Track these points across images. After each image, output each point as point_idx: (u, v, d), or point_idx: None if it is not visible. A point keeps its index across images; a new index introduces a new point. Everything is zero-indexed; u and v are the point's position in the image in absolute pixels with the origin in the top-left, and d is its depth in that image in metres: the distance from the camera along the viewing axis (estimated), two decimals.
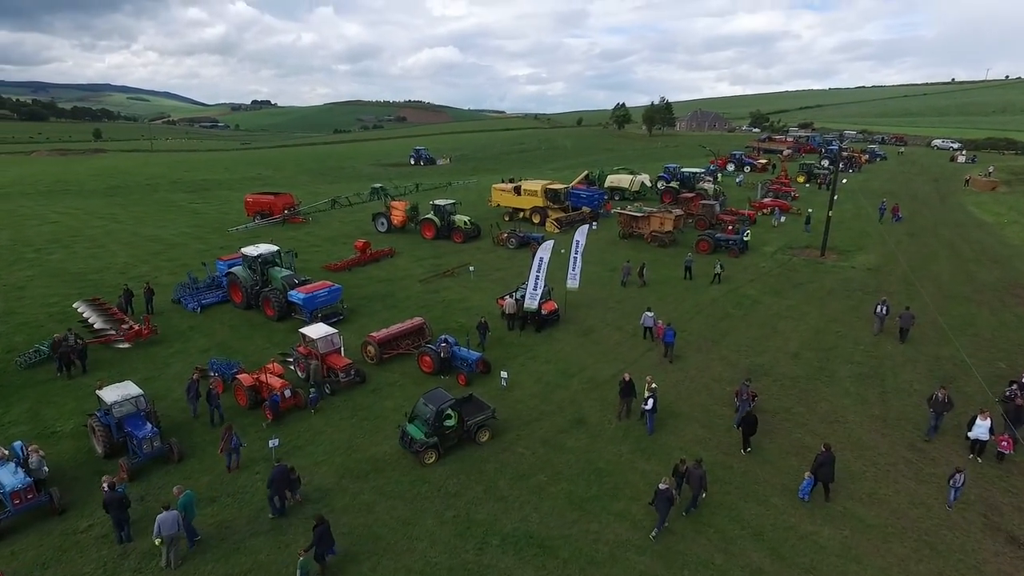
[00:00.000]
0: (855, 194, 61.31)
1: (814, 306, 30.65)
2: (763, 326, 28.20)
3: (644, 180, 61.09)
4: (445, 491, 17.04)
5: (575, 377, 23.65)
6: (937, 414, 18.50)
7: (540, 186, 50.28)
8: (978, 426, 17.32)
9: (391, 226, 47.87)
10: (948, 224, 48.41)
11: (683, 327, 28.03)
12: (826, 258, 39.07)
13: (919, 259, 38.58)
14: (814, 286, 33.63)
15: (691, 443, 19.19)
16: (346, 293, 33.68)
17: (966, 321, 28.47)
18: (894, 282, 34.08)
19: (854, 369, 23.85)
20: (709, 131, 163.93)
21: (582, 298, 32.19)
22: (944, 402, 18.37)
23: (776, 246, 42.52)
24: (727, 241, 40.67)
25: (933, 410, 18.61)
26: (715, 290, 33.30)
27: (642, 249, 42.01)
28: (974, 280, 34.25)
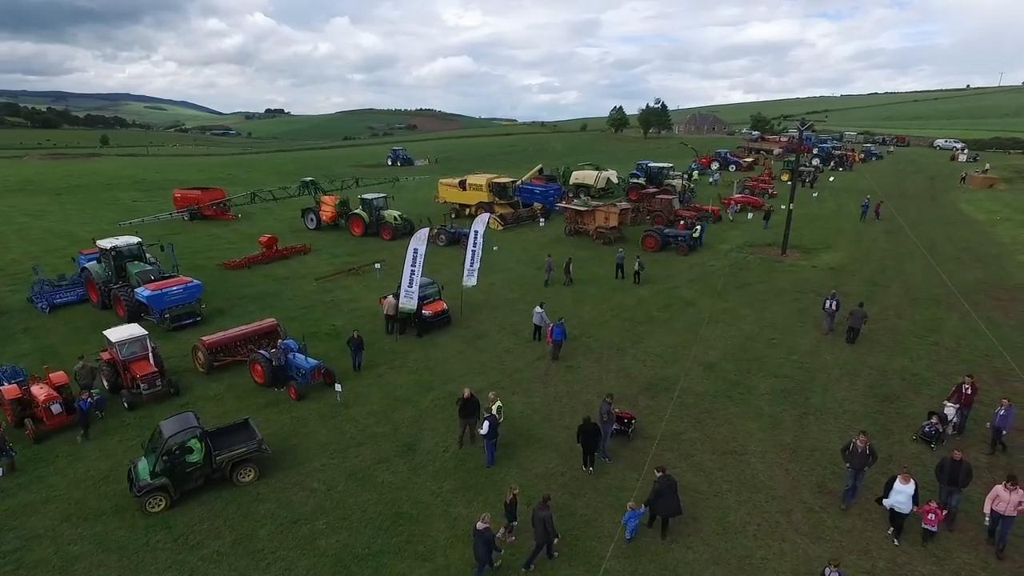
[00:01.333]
0: (840, 192, 56.79)
1: (754, 309, 26.22)
2: (686, 332, 23.83)
3: (610, 176, 56.81)
4: (184, 541, 12.90)
5: (433, 391, 19.44)
6: (856, 470, 13.33)
7: (485, 180, 46.27)
8: (897, 492, 12.08)
9: (320, 222, 44.02)
10: (934, 222, 43.65)
11: (592, 331, 23.82)
12: (787, 257, 34.60)
13: (892, 258, 33.98)
14: (762, 287, 29.19)
15: (539, 478, 14.92)
16: (231, 291, 29.91)
17: (929, 327, 23.90)
18: (856, 283, 29.56)
19: (777, 384, 19.41)
20: (708, 134, 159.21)
21: (490, 298, 28.12)
22: (865, 454, 13.21)
23: (735, 243, 38.09)
24: (675, 237, 36.28)
25: (850, 465, 13.40)
26: (645, 291, 28.97)
27: (586, 247, 37.76)
28: (950, 281, 29.60)
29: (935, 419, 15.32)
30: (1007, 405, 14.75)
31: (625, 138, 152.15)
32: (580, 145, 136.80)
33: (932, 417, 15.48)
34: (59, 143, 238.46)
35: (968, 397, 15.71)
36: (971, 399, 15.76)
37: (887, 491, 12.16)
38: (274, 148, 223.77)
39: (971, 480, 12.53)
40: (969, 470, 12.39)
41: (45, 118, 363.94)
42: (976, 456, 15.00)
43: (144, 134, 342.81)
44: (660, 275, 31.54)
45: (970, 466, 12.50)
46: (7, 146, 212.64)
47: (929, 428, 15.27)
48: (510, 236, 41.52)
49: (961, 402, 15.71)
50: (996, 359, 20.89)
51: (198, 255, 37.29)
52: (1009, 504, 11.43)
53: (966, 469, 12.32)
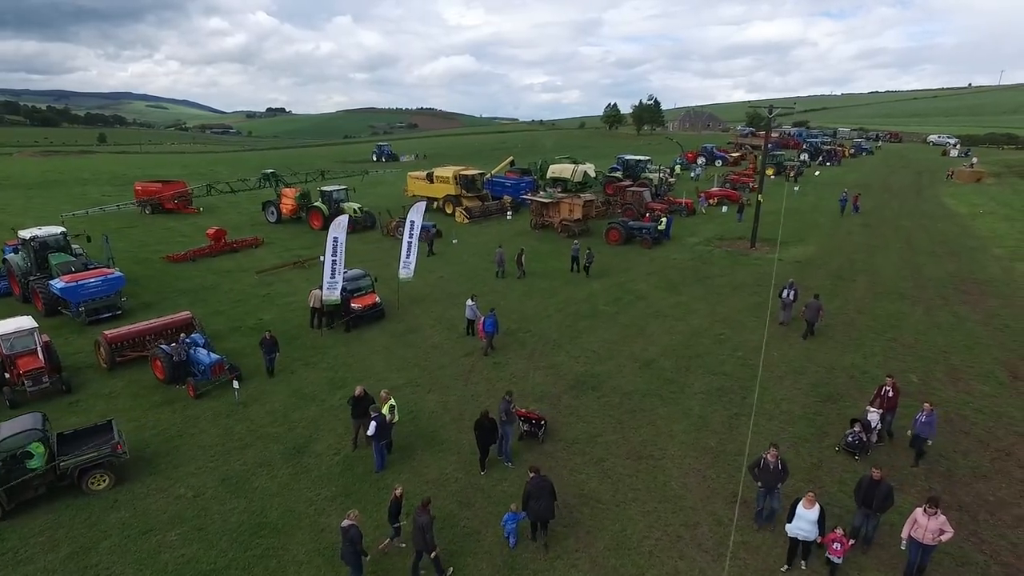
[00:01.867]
0: (824, 186, 55.24)
1: (708, 303, 24.80)
2: (631, 326, 22.42)
3: (587, 170, 55.22)
4: (13, 555, 11.57)
5: (344, 389, 18.02)
6: (767, 489, 11.67)
7: (452, 172, 44.85)
8: (799, 517, 10.47)
9: (281, 215, 42.65)
10: (914, 215, 42.14)
11: (532, 326, 22.42)
12: (755, 250, 33.15)
13: (864, 252, 32.50)
14: (722, 280, 27.76)
15: (431, 484, 13.52)
16: (166, 285, 28.56)
17: (890, 322, 22.44)
18: (821, 276, 28.11)
19: (714, 382, 17.99)
20: (703, 131, 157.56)
21: (434, 292, 26.81)
22: (777, 470, 11.54)
23: (704, 236, 36.65)
24: (640, 230, 34.84)
25: (761, 484, 11.70)
26: (598, 284, 27.55)
27: (550, 240, 36.35)
28: (919, 274, 28.15)
29: (858, 427, 13.83)
30: (928, 410, 13.27)
31: (618, 135, 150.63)
32: (572, 142, 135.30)
33: (855, 425, 13.99)
34: (56, 141, 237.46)
35: (891, 400, 14.23)
36: (894, 402, 14.28)
37: (790, 516, 10.62)
38: (268, 146, 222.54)
39: (891, 504, 10.99)
40: (888, 492, 10.85)
41: (44, 116, 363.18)
42: (903, 469, 13.57)
43: (142, 133, 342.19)
44: (618, 268, 30.15)
45: (890, 487, 10.97)
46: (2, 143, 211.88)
47: (852, 437, 13.79)
48: (474, 230, 40.14)
49: (884, 406, 14.22)
50: (955, 355, 19.47)
51: (148, 248, 36.02)
52: (928, 531, 9.94)
53: (884, 491, 10.79)
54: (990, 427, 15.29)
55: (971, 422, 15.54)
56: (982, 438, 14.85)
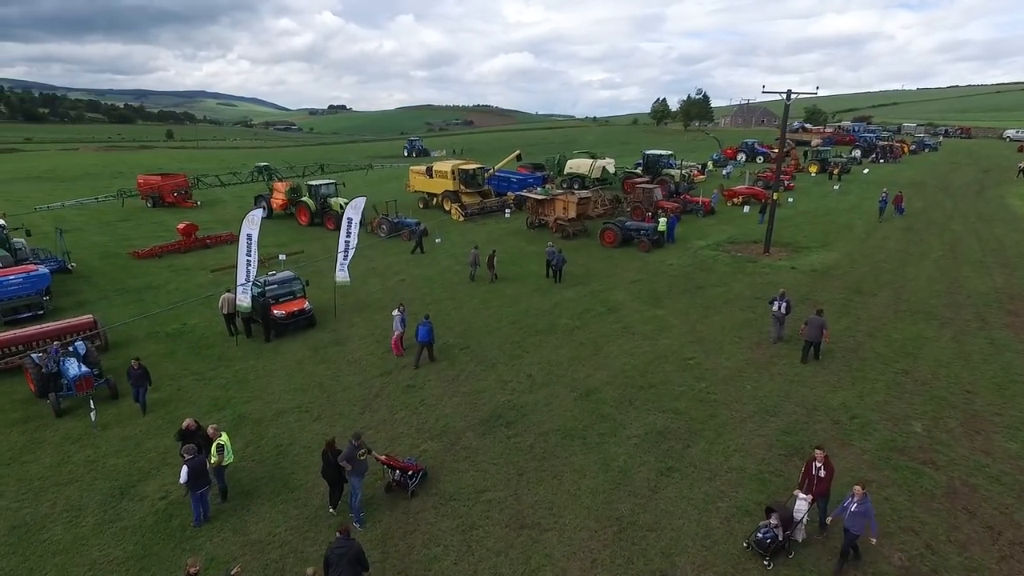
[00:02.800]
0: (871, 185, 49.70)
1: (689, 319, 21.17)
2: (586, 345, 19.12)
3: (607, 165, 51.63)
4: None
5: (221, 412, 15.62)
6: None
7: (450, 167, 42.15)
8: None
9: (272, 210, 40.98)
10: (967, 218, 36.70)
11: (474, 341, 19.48)
12: (768, 256, 29.03)
13: (896, 260, 27.91)
14: (715, 291, 23.98)
15: (247, 547, 10.79)
16: (115, 283, 27.00)
17: (906, 348, 18.31)
18: (838, 288, 23.93)
19: (658, 422, 14.57)
20: (756, 127, 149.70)
21: (385, 297, 24.26)
22: None
23: (715, 239, 32.66)
24: (638, 231, 31.20)
25: None
26: (571, 292, 24.26)
27: (542, 240, 33.09)
28: (957, 289, 23.58)
29: (774, 519, 10.10)
30: (860, 495, 9.51)
31: (664, 131, 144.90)
32: (614, 137, 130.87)
33: (770, 516, 10.23)
34: (127, 137, 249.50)
35: (821, 483, 10.46)
36: (824, 486, 10.45)
37: None
38: (315, 142, 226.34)
39: None
40: None
41: (122, 114, 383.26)
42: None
43: (209, 129, 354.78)
44: (602, 273, 26.76)
45: None
46: (73, 139, 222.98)
47: (765, 533, 10.07)
48: (467, 228, 37.32)
49: (812, 490, 10.46)
50: (980, 397, 15.33)
51: (128, 242, 34.89)
52: None
53: None
54: (1007, 507, 11.37)
55: (982, 496, 11.65)
56: (993, 522, 10.97)
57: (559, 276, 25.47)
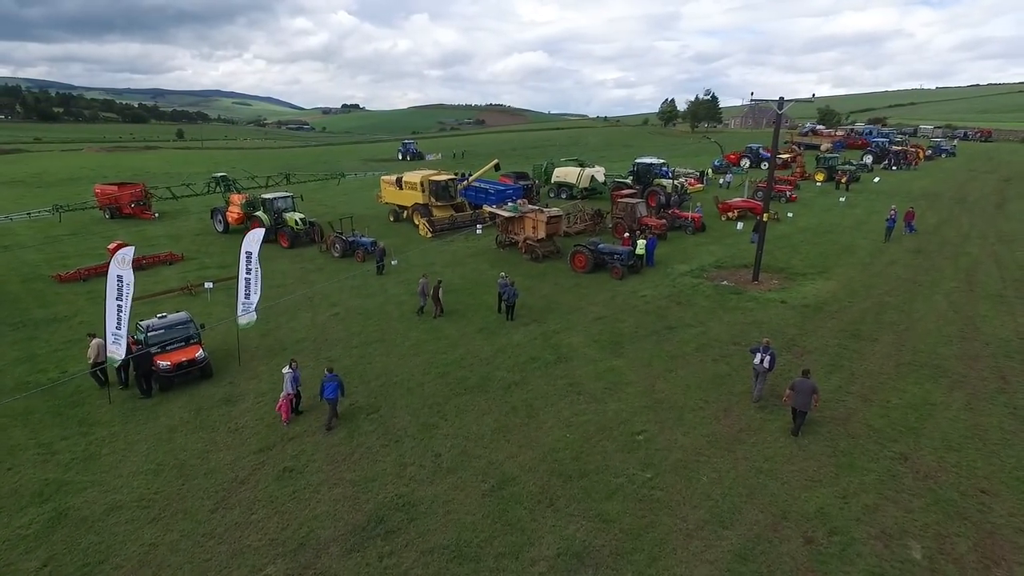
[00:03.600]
0: (882, 196, 46.03)
1: (651, 372, 17.89)
2: (520, 410, 15.92)
3: (595, 174, 48.39)
4: None
5: (35, 508, 12.53)
6: None
7: (420, 177, 39.04)
8: None
9: (228, 224, 38.15)
10: (987, 238, 32.98)
11: (389, 400, 16.42)
12: (757, 285, 25.63)
13: (904, 291, 24.39)
14: (690, 334, 20.63)
15: None
16: (22, 313, 24.33)
17: (907, 421, 14.91)
18: (831, 331, 20.51)
19: (579, 536, 11.35)
20: (767, 128, 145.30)
21: (307, 337, 21.08)
22: None
23: (700, 262, 29.27)
24: (612, 255, 27.87)
25: None
26: (519, 334, 21.04)
27: (509, 263, 29.95)
28: (973, 333, 20.07)
29: None
30: None
31: (671, 132, 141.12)
32: (618, 139, 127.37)
33: None
34: (138, 137, 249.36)
35: None
36: None
37: None
38: (324, 141, 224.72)
39: None
40: None
41: (135, 113, 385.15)
42: None
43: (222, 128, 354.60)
44: (564, 307, 23.51)
45: None
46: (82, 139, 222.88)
47: None
48: (432, 247, 34.19)
49: None
50: (1001, 503, 11.91)
51: (66, 261, 32.15)
52: None
53: None
54: None
55: None
56: None
57: (511, 313, 22.25)
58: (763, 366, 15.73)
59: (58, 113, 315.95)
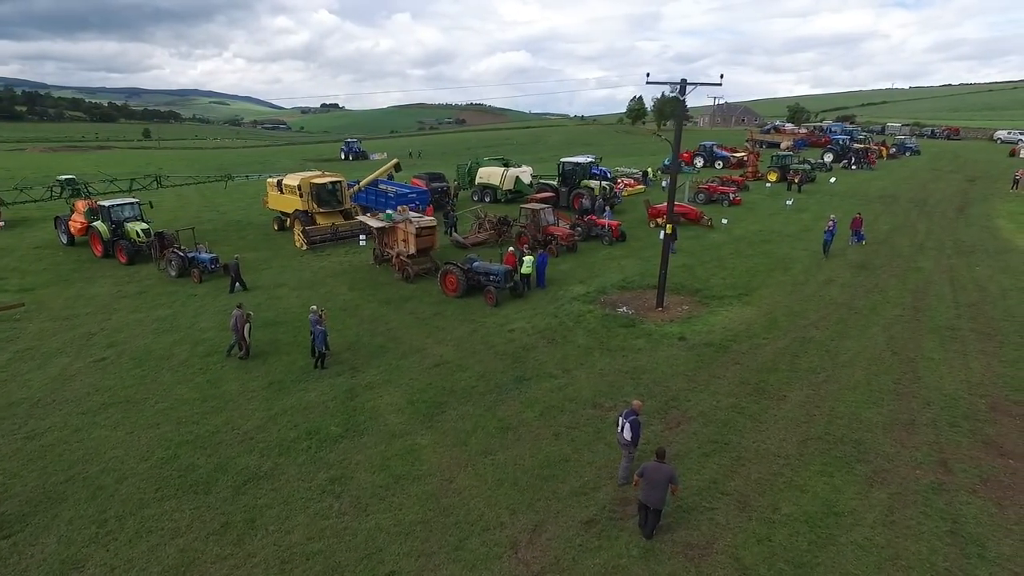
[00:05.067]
0: (837, 198, 41.58)
1: (461, 457, 12.76)
2: (233, 529, 10.74)
3: (521, 175, 43.24)
4: None
5: None
6: None
7: (299, 180, 33.62)
8: None
9: (72, 237, 32.39)
10: (945, 249, 28.39)
11: (67, 506, 11.14)
12: (659, 313, 20.65)
13: (833, 322, 19.52)
14: (542, 389, 15.51)
15: None
16: None
17: (796, 545, 9.89)
18: (731, 381, 15.55)
19: None
20: (735, 127, 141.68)
21: (63, 387, 15.52)
22: None
23: (604, 281, 24.24)
24: (488, 276, 22.67)
25: None
26: (315, 391, 15.79)
27: (379, 285, 24.76)
28: (912, 386, 15.20)
29: None
30: None
31: (638, 131, 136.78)
32: (580, 138, 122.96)
33: None
34: (102, 136, 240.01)
35: None
36: None
37: None
38: (286, 141, 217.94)
39: None
40: None
41: (104, 112, 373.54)
42: None
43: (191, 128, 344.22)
44: (405, 346, 18.34)
45: None
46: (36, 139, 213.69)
47: None
48: (298, 263, 28.79)
49: None
50: None
51: None
52: None
53: None
54: None
55: None
56: None
57: (322, 360, 16.95)
58: (624, 438, 10.86)
59: (22, 112, 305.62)
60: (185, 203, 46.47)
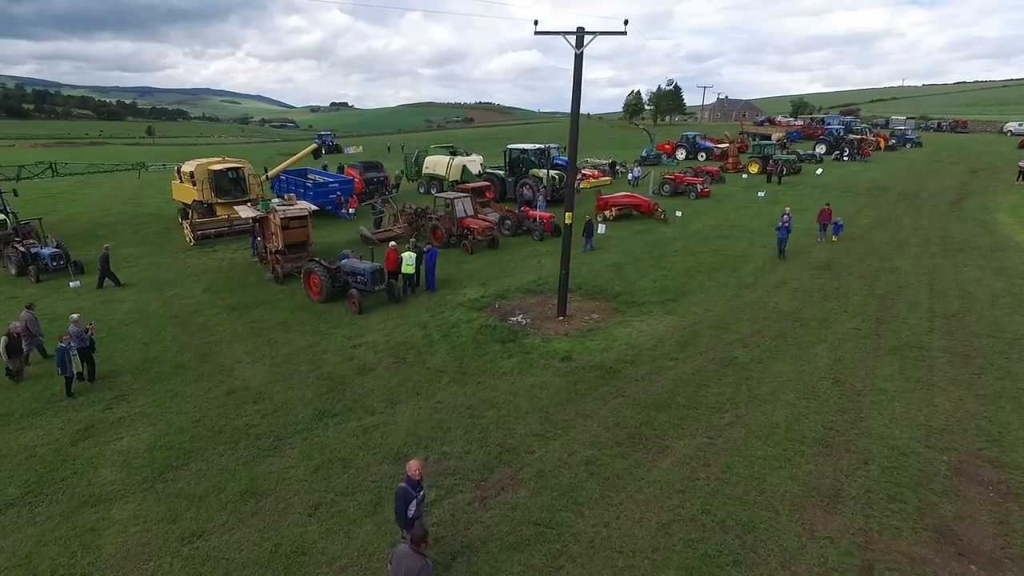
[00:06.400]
0: (820, 190, 37.14)
1: (170, 538, 8.56)
2: None
3: (469, 164, 39.02)
4: None
5: None
6: None
7: (194, 167, 29.72)
8: None
9: None
10: (930, 246, 23.94)
11: None
12: (561, 323, 16.46)
13: (770, 338, 15.23)
14: (340, 433, 11.38)
15: None
16: None
17: None
18: (596, 429, 11.37)
19: None
20: (735, 121, 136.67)
21: None
22: None
23: (506, 285, 20.01)
24: (355, 276, 18.51)
25: None
26: (42, 428, 11.67)
27: (247, 287, 20.78)
28: (848, 436, 10.93)
29: None
30: None
31: (632, 126, 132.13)
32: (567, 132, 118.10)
33: None
34: (106, 133, 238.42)
35: None
36: None
37: None
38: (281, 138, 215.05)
39: None
40: None
41: (111, 111, 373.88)
42: None
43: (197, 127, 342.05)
44: (212, 365, 14.35)
45: None
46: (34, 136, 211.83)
47: None
48: (172, 261, 24.81)
49: None
50: None
51: None
52: None
53: None
54: None
55: None
56: None
57: (68, 387, 12.87)
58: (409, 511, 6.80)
59: (29, 110, 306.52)
60: (113, 193, 43.10)
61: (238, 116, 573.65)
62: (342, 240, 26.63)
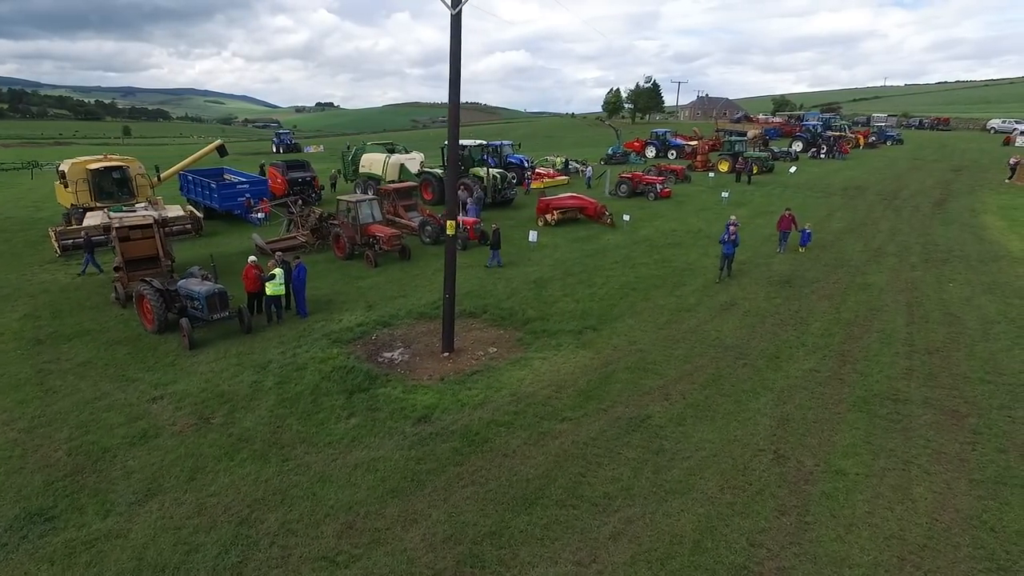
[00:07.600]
0: (790, 190, 33.75)
1: None
2: None
3: (407, 162, 35.19)
4: None
5: None
6: None
7: (70, 165, 25.75)
8: None
9: None
10: (910, 254, 20.51)
11: None
12: (442, 364, 12.73)
13: (704, 383, 11.60)
14: (57, 544, 7.40)
15: None
16: None
17: None
18: (415, 538, 7.45)
19: None
20: (716, 119, 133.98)
21: None
22: None
23: (388, 309, 16.33)
24: (191, 300, 14.67)
25: None
26: None
27: (78, 312, 16.79)
28: (783, 560, 7.13)
29: None
30: None
31: (613, 124, 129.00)
32: (543, 130, 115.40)
33: None
34: (80, 132, 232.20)
35: None
36: None
37: None
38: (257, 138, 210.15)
39: None
40: None
41: (88, 110, 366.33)
42: None
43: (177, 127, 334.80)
44: None
45: None
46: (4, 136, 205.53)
47: None
48: (18, 277, 20.81)
49: None
50: None
51: None
52: None
53: None
54: None
55: None
56: None
57: None
58: None
59: (2, 109, 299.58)
60: (26, 194, 39.09)
61: (222, 116, 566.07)
62: (246, 249, 22.73)
